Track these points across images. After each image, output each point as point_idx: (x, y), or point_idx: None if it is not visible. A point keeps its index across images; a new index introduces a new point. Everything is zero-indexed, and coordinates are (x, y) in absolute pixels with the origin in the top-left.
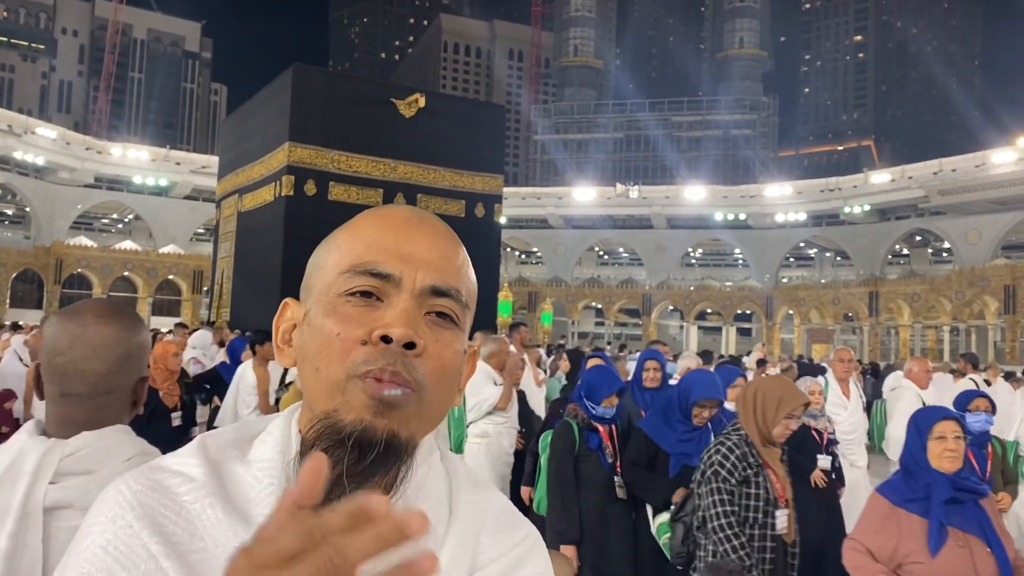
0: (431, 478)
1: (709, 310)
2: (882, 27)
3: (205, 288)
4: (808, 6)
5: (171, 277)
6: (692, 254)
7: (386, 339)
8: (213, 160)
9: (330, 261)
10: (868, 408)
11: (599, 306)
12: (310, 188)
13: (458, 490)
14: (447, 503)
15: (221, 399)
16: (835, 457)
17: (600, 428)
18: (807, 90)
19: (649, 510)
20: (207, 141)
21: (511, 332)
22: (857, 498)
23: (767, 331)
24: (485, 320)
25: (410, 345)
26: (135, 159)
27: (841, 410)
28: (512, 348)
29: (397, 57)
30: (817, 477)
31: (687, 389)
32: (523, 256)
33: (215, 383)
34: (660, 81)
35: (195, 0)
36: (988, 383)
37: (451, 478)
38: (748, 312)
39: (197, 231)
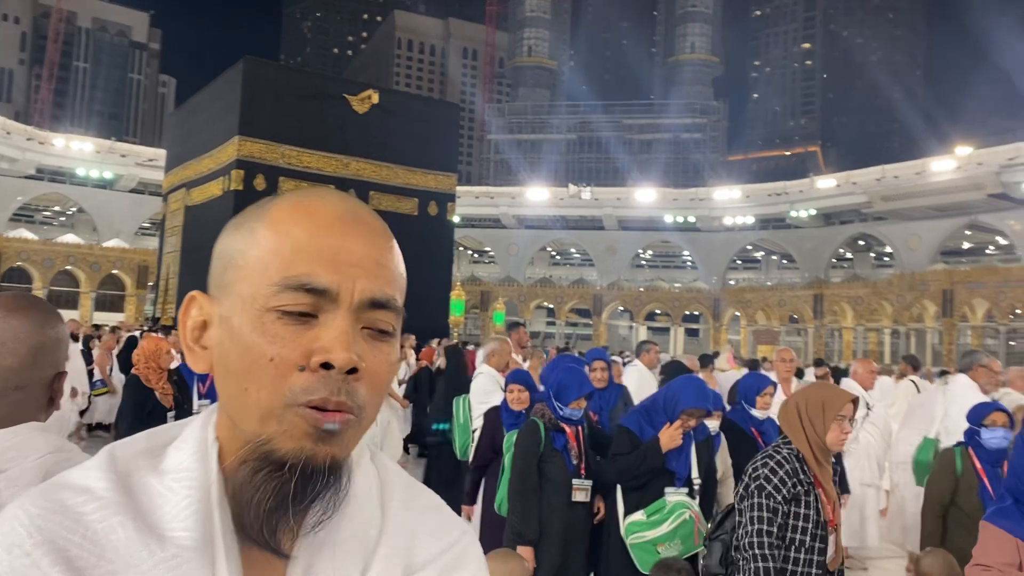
0: (361, 480)
1: (658, 311)
2: (829, 36)
3: (150, 283)
4: (758, 13)
5: (115, 272)
6: (642, 255)
7: (326, 365)
8: (160, 153)
9: (251, 259)
10: None
11: (551, 306)
12: (260, 183)
13: (391, 491)
14: (378, 504)
15: (186, 400)
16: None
17: (567, 429)
18: (756, 96)
19: (620, 510)
20: (154, 134)
21: (509, 332)
22: None
23: (714, 332)
24: (438, 319)
25: (352, 370)
26: (79, 151)
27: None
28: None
29: (350, 53)
30: None
31: (675, 396)
32: (476, 255)
33: (178, 385)
34: (613, 83)
35: None
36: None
37: (382, 479)
38: (696, 313)
39: (143, 225)
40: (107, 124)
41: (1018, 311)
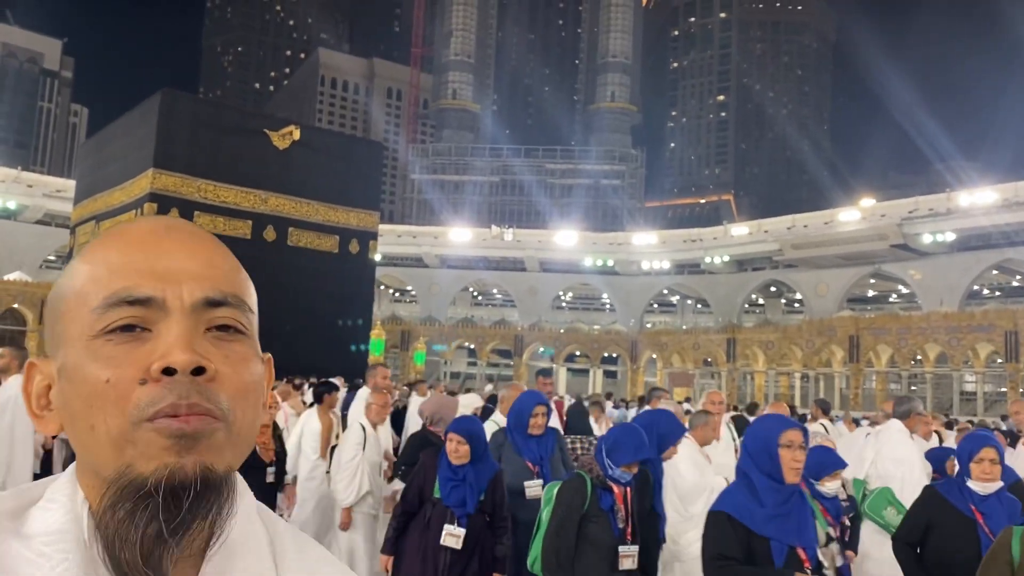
0: (250, 529)
1: (578, 352)
2: (742, 89)
3: None
4: (676, 65)
5: (16, 306)
6: (563, 297)
7: (168, 371)
8: (69, 184)
9: (71, 297)
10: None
11: (472, 346)
12: (174, 217)
13: (282, 544)
14: (270, 556)
15: (285, 453)
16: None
17: (615, 489)
18: (672, 145)
19: None
20: (64, 164)
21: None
22: None
23: (632, 374)
24: (357, 358)
25: (199, 370)
26: None
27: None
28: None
29: (272, 88)
30: None
31: (764, 427)
32: (397, 294)
33: (280, 439)
34: (535, 128)
35: (57, 16)
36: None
37: (271, 532)
38: (614, 355)
39: (48, 258)
40: (13, 153)
41: (918, 357)
